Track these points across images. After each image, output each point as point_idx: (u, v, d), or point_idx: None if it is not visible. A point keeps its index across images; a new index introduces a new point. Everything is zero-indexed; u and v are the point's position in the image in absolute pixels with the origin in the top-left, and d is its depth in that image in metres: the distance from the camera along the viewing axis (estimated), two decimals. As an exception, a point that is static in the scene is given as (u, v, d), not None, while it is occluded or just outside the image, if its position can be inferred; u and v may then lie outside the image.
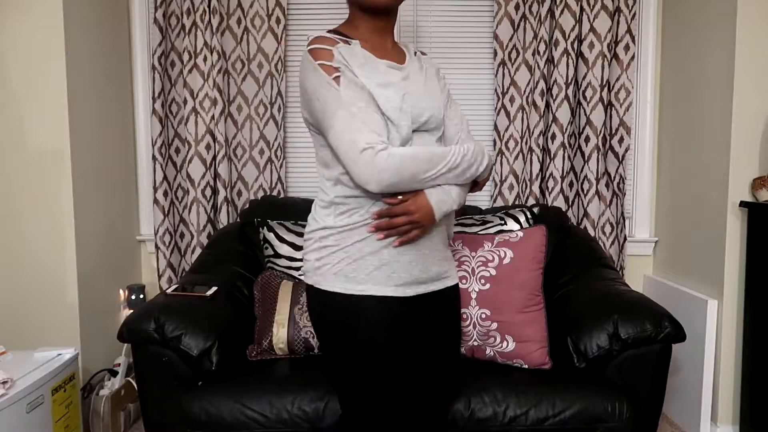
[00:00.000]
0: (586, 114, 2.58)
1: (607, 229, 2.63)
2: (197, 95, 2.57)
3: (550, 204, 2.61)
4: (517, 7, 2.55)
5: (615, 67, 2.58)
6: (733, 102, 2.16)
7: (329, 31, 1.36)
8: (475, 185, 1.42)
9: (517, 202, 2.63)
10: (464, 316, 1.91)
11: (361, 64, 1.30)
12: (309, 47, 1.30)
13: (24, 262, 2.22)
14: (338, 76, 1.27)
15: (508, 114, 2.61)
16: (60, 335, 2.25)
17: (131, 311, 2.29)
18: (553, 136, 2.59)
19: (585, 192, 2.62)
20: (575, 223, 2.65)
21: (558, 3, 2.54)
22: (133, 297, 2.53)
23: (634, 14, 2.57)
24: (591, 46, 2.54)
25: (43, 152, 2.19)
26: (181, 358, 1.75)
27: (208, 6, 2.54)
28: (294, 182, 2.78)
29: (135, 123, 2.74)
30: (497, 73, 2.60)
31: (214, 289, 1.98)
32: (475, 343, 1.91)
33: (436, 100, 1.38)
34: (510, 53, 2.59)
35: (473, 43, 2.71)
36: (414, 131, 1.33)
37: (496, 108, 2.63)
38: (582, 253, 2.27)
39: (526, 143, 2.61)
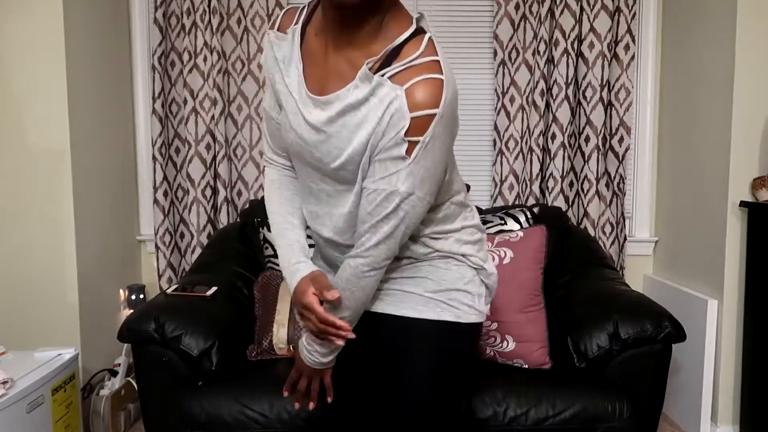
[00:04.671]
0: (586, 114, 2.58)
1: (607, 229, 2.63)
2: (197, 95, 2.57)
3: (550, 204, 2.61)
4: (517, 7, 2.55)
5: (615, 67, 2.58)
6: (733, 102, 2.16)
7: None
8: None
9: (517, 202, 2.63)
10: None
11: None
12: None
13: (24, 262, 2.22)
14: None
15: (508, 114, 2.61)
16: (60, 335, 2.25)
17: (131, 311, 2.29)
18: (553, 136, 2.59)
19: (585, 192, 2.62)
20: (575, 223, 2.65)
21: (558, 3, 2.54)
22: (133, 297, 2.53)
23: (634, 14, 2.57)
24: (591, 46, 2.54)
25: (43, 152, 2.19)
26: (181, 358, 1.75)
27: (208, 6, 2.54)
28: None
29: (135, 123, 2.74)
30: (497, 72, 2.60)
31: (214, 289, 1.98)
32: (475, 343, 1.91)
33: (329, 140, 1.05)
34: (510, 53, 2.59)
35: (473, 43, 2.71)
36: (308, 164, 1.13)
37: (496, 108, 2.63)
38: (582, 253, 2.27)
39: (526, 143, 2.61)
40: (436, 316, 1.15)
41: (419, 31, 1.04)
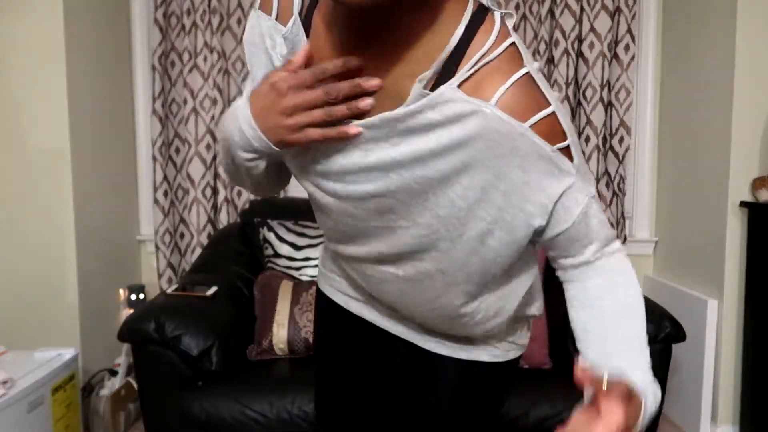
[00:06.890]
0: (586, 114, 2.58)
1: (607, 229, 2.63)
2: (197, 95, 2.57)
3: (550, 204, 2.61)
4: (517, 7, 2.55)
5: (615, 67, 2.58)
6: (733, 102, 2.16)
7: None
8: None
9: (517, 202, 2.63)
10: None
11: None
12: None
13: (24, 262, 2.22)
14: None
15: (508, 114, 2.61)
16: (60, 335, 2.25)
17: (131, 311, 2.28)
18: (553, 136, 2.59)
19: (585, 192, 2.62)
20: (575, 223, 2.65)
21: (558, 3, 2.54)
22: (133, 297, 2.52)
23: (635, 14, 2.57)
24: (591, 46, 2.54)
25: (43, 152, 2.19)
26: (181, 358, 1.75)
27: (208, 6, 2.54)
28: (294, 182, 2.77)
29: (135, 123, 2.74)
30: (497, 73, 2.60)
31: (214, 289, 1.98)
32: (475, 343, 1.91)
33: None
34: (510, 53, 2.59)
35: (473, 43, 2.71)
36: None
37: (496, 108, 2.63)
38: (582, 253, 2.26)
39: (526, 143, 2.61)
40: (468, 356, 0.92)
41: (479, 17, 0.68)
